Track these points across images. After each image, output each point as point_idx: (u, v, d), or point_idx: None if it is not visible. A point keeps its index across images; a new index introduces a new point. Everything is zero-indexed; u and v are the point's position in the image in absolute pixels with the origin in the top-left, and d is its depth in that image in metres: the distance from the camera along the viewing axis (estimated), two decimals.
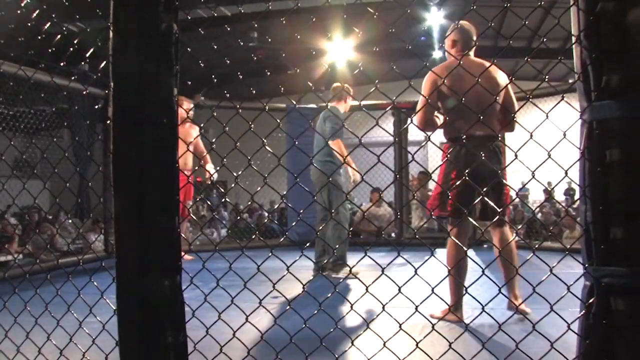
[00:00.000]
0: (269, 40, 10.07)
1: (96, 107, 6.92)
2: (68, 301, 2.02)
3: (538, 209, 9.11)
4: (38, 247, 6.87)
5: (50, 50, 2.41)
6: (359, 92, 1.84)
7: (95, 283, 1.86)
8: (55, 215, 9.80)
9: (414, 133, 6.86)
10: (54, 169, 2.14)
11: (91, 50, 2.24)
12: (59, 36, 2.42)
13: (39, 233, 7.35)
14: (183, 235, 6.11)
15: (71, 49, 2.25)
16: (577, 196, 11.89)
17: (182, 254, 1.61)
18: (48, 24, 2.27)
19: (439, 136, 3.47)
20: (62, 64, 2.34)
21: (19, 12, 2.46)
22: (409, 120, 6.68)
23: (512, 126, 3.23)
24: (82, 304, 1.96)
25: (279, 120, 1.84)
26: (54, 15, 2.19)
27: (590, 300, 1.36)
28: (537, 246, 5.75)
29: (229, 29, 9.22)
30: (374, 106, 6.30)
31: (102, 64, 1.79)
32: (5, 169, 2.53)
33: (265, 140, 1.75)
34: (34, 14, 2.31)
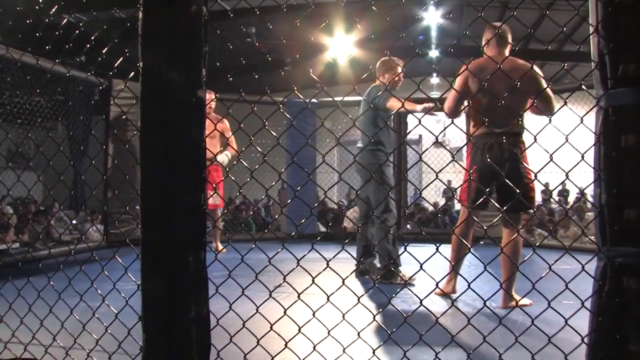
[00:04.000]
0: (268, 34, 10.08)
1: (95, 98, 6.94)
2: (80, 286, 2.08)
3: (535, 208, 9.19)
4: (35, 236, 6.87)
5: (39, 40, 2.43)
6: (360, 89, 1.89)
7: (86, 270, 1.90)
8: (50, 206, 9.78)
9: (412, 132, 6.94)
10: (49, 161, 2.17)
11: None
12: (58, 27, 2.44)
13: (36, 222, 7.35)
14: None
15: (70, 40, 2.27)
16: (570, 197, 12.02)
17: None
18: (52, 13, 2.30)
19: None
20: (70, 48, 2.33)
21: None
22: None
23: (549, 106, 3.22)
24: (96, 284, 2.01)
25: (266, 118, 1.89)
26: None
27: (603, 280, 1.42)
28: (537, 244, 5.86)
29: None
30: None
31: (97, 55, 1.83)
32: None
33: (276, 135, 1.80)
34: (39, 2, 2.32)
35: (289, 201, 8.30)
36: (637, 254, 1.36)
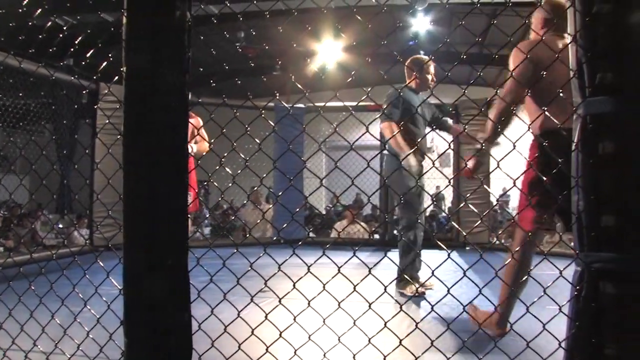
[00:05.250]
0: (257, 39, 10.08)
1: (82, 101, 6.92)
2: (62, 291, 2.07)
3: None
4: (20, 240, 6.81)
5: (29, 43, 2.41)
6: (348, 94, 1.85)
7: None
8: (34, 210, 9.70)
9: None
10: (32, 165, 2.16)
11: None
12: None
13: (20, 226, 7.29)
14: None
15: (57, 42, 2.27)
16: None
17: None
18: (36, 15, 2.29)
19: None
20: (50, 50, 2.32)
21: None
22: None
23: None
24: (78, 289, 2.00)
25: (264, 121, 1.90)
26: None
27: (580, 285, 1.44)
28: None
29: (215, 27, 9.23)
30: (362, 107, 6.35)
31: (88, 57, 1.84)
32: None
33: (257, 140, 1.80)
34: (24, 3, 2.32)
35: (270, 206, 8.29)
36: (614, 259, 1.38)
